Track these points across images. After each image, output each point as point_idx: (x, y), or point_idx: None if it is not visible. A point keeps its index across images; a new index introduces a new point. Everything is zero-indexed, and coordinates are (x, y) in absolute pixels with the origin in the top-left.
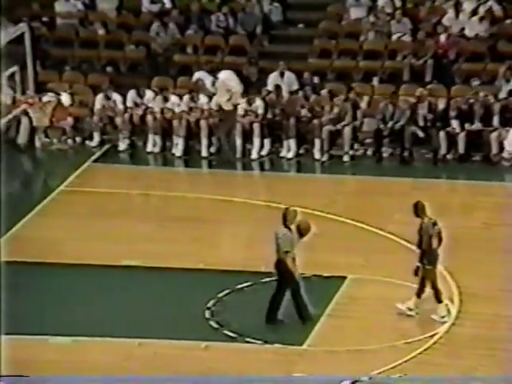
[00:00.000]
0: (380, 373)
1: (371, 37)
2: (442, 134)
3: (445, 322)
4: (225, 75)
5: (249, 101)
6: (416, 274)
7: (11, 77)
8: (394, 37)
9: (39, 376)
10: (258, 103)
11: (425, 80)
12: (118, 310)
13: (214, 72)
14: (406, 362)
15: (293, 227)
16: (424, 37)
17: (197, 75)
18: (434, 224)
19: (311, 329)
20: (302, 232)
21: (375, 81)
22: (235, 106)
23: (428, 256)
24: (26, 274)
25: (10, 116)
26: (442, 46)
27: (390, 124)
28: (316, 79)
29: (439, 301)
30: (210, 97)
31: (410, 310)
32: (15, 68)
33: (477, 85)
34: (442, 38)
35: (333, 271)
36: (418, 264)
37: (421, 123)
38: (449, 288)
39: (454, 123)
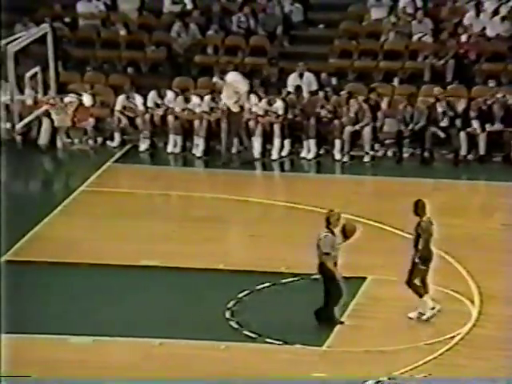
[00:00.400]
0: (402, 373)
1: (392, 37)
2: (462, 134)
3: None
4: (232, 77)
5: (269, 101)
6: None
7: (33, 77)
8: (415, 37)
9: (59, 376)
10: (279, 104)
11: (446, 80)
12: (138, 310)
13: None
14: (426, 363)
15: (336, 230)
16: (447, 37)
17: (215, 79)
18: (431, 223)
19: (331, 329)
20: (347, 234)
21: (396, 81)
22: (242, 108)
23: (423, 255)
24: (46, 274)
25: (32, 117)
26: (463, 46)
27: (410, 126)
28: (334, 80)
29: (420, 296)
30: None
31: (422, 314)
32: (37, 69)
33: (493, 86)
34: (463, 38)
35: (353, 272)
36: (417, 260)
37: (441, 123)
38: (469, 289)
39: (475, 124)
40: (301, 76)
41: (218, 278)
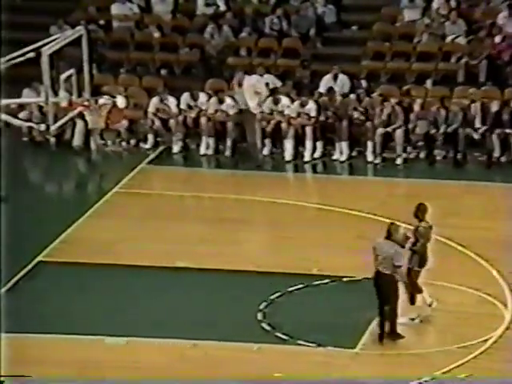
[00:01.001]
0: (444, 373)
1: (425, 38)
2: (495, 136)
3: (410, 323)
4: (254, 78)
5: (301, 103)
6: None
7: (68, 80)
8: (449, 38)
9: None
10: (311, 106)
11: (479, 81)
12: (171, 311)
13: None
14: (459, 366)
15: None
16: (484, 36)
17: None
18: (430, 228)
19: (363, 332)
20: (403, 244)
21: (429, 83)
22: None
23: (419, 258)
24: (80, 275)
25: (66, 119)
26: (496, 47)
27: (442, 129)
28: (364, 82)
29: (412, 303)
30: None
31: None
32: (72, 71)
33: None
34: (497, 39)
35: None
36: (413, 264)
37: (476, 125)
38: (502, 292)
39: (508, 125)
40: (335, 78)
41: (249, 280)
